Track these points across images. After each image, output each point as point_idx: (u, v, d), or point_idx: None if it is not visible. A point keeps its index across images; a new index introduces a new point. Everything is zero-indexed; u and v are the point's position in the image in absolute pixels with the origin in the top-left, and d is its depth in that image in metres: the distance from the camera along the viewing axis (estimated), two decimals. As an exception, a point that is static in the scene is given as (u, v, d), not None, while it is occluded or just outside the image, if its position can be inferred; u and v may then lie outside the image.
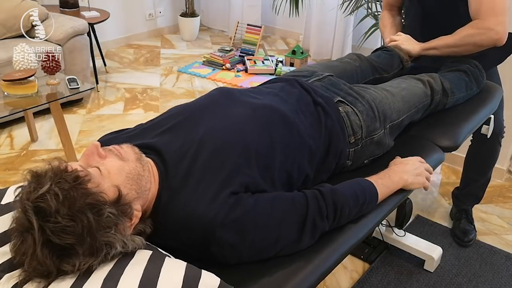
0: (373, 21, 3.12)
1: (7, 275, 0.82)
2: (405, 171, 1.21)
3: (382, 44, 3.25)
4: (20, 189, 0.82)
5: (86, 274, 0.79)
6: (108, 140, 1.06)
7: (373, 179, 1.15)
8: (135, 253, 0.85)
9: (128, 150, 0.94)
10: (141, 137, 1.05)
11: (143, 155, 0.96)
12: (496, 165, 2.50)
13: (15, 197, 0.82)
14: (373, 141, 1.30)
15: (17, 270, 0.82)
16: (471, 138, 2.03)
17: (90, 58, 3.39)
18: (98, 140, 1.08)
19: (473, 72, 1.65)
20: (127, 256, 0.84)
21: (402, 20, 2.00)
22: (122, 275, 0.79)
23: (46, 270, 0.77)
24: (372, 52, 1.83)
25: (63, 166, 0.83)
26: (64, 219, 0.76)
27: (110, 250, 0.81)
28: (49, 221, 0.76)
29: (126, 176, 0.89)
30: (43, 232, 0.76)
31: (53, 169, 0.82)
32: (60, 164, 0.84)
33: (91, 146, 0.90)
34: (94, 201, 0.80)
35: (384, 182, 1.16)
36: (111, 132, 1.15)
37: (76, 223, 0.77)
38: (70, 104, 3.24)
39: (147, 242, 0.92)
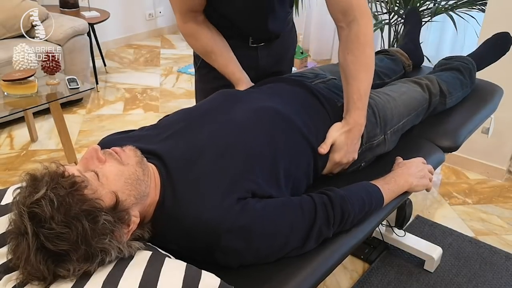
0: (373, 21, 3.12)
1: (5, 276, 0.82)
2: (410, 174, 1.21)
3: (382, 45, 3.26)
4: (18, 190, 0.82)
5: (85, 276, 0.79)
6: (111, 141, 1.05)
7: (379, 183, 1.14)
8: (134, 254, 0.85)
9: (130, 153, 0.93)
10: (143, 142, 1.04)
11: (145, 159, 0.95)
12: (496, 165, 2.52)
13: (13, 199, 0.82)
14: (372, 146, 1.30)
15: (15, 272, 0.82)
16: None
17: (90, 58, 3.39)
18: (100, 141, 1.07)
19: (466, 69, 1.66)
20: (126, 258, 0.83)
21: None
22: (122, 277, 0.79)
23: (41, 275, 0.77)
24: None
25: (60, 171, 0.82)
26: (58, 226, 0.76)
27: (105, 256, 0.80)
28: (43, 227, 0.75)
29: (125, 181, 0.87)
30: (37, 237, 0.76)
31: (50, 173, 0.81)
32: (58, 169, 0.82)
33: (91, 149, 0.88)
34: (90, 207, 0.79)
35: (390, 187, 1.15)
36: (115, 133, 1.14)
37: (71, 230, 0.76)
38: (70, 104, 3.24)
39: (148, 243, 0.92)
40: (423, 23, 2.97)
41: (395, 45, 2.95)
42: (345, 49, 1.21)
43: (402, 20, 2.82)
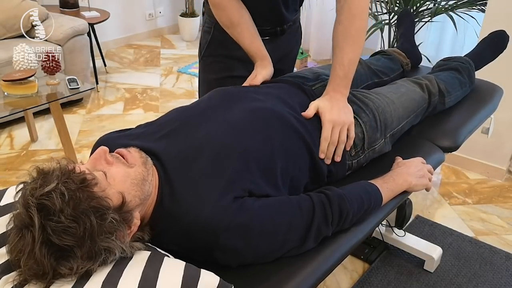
0: (373, 21, 3.12)
1: (4, 277, 0.82)
2: (409, 173, 1.21)
3: (382, 45, 3.26)
4: (22, 185, 0.82)
5: (85, 277, 0.79)
6: (109, 140, 1.05)
7: (378, 183, 1.14)
8: (133, 254, 0.85)
9: (135, 154, 0.94)
10: (141, 140, 1.04)
11: (149, 159, 0.96)
12: (496, 165, 2.52)
13: (17, 192, 0.82)
14: (374, 151, 1.30)
15: (13, 273, 0.81)
16: None
17: (90, 58, 3.39)
18: (99, 139, 1.08)
19: (464, 69, 1.66)
20: (125, 258, 0.84)
21: None
22: (121, 277, 0.79)
23: (41, 270, 0.77)
24: (370, 56, 1.83)
25: (71, 167, 0.83)
26: (67, 220, 0.76)
27: (109, 256, 0.81)
28: (51, 220, 0.76)
29: (131, 182, 0.89)
30: (44, 230, 0.76)
31: (61, 168, 0.82)
32: (68, 164, 0.84)
33: (100, 150, 0.89)
34: (99, 205, 0.80)
35: (389, 186, 1.16)
36: (113, 132, 1.14)
37: (79, 224, 0.77)
38: (70, 104, 3.24)
39: (147, 243, 0.92)
40: (423, 23, 2.98)
41: (394, 45, 2.95)
42: (337, 20, 1.25)
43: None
